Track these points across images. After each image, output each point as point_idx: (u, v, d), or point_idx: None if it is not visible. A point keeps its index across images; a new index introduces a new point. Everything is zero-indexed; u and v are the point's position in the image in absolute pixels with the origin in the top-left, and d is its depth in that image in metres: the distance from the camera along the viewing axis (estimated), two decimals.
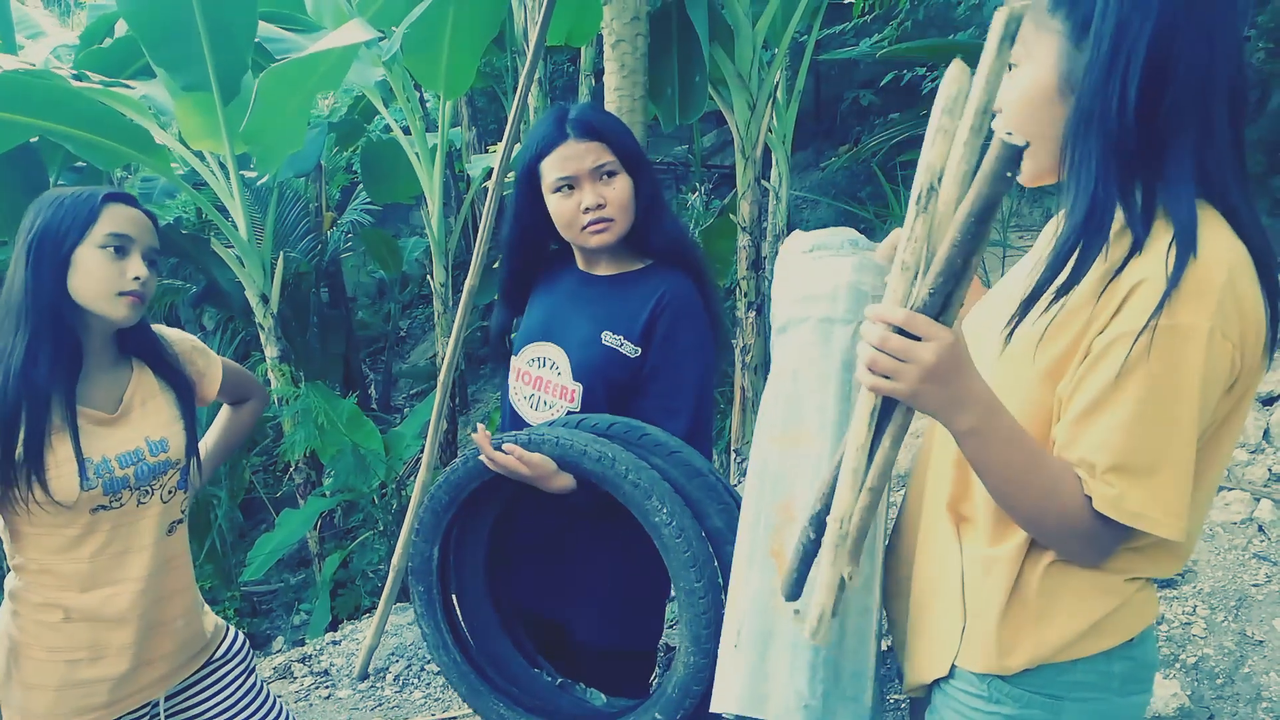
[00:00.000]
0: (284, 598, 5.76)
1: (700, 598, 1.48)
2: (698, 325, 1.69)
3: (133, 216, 1.58)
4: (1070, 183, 0.99)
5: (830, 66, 8.32)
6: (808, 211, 9.03)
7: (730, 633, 1.17)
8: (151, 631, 1.67)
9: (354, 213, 7.87)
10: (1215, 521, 2.92)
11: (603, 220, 1.65)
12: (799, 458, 1.19)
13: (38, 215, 1.54)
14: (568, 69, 8.48)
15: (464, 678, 1.81)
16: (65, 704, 1.61)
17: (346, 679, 3.39)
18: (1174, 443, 0.95)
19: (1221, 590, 2.64)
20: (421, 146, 4.72)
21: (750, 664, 1.11)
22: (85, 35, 5.50)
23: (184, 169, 5.43)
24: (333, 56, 3.70)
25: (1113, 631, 1.08)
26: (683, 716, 1.56)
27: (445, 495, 1.71)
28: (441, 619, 1.82)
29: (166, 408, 1.70)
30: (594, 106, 1.74)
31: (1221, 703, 2.30)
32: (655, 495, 1.50)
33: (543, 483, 1.60)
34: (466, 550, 1.86)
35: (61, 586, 1.59)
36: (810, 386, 1.21)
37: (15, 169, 4.55)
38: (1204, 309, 0.92)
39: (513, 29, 6.13)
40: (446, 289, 5.07)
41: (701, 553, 1.49)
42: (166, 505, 1.68)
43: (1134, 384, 0.95)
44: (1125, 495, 0.96)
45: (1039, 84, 1.01)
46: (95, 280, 1.53)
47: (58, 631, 1.60)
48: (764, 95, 4.00)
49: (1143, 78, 0.93)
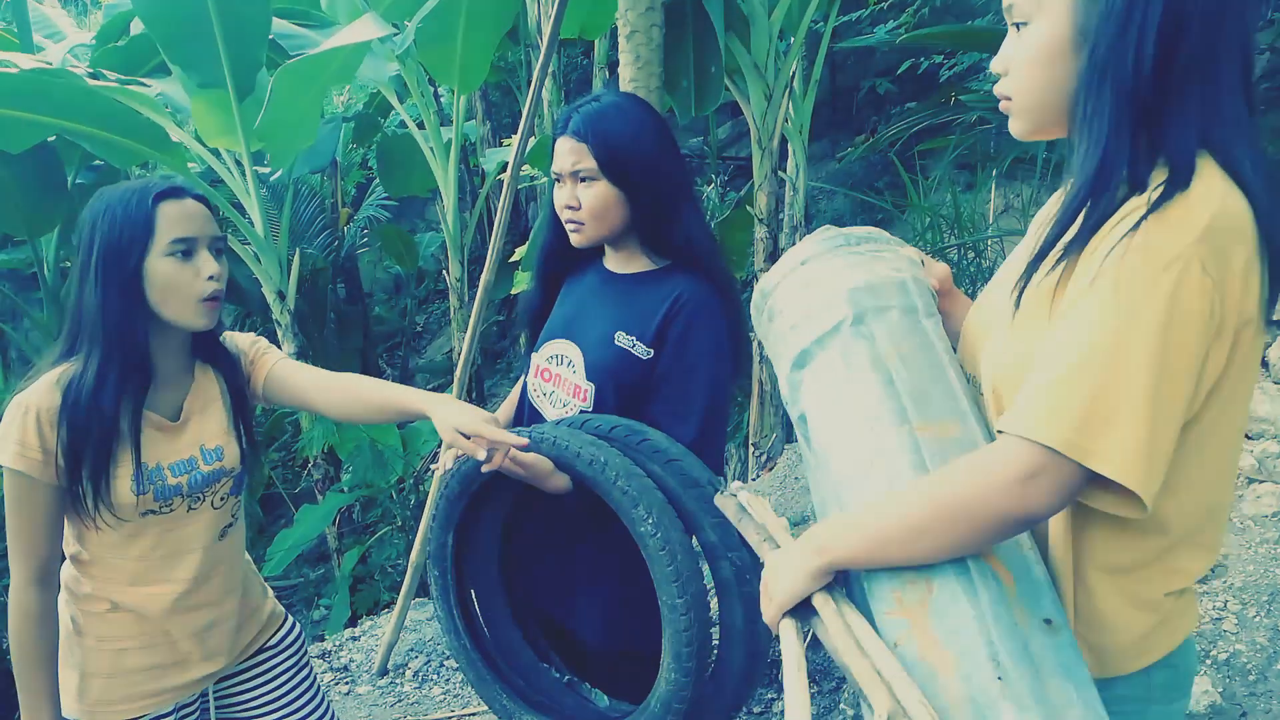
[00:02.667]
0: (303, 593, 5.78)
1: (682, 614, 1.45)
2: (714, 330, 1.64)
3: (187, 212, 1.53)
4: (1082, 137, 0.97)
5: (846, 55, 8.25)
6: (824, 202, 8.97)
7: (979, 660, 0.93)
8: (200, 628, 1.68)
9: (370, 208, 7.88)
10: (1246, 515, 2.87)
11: (574, 222, 1.67)
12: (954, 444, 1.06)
13: (94, 230, 1.50)
14: (581, 62, 8.45)
15: (471, 664, 1.82)
16: (115, 690, 1.63)
17: (366, 674, 3.40)
18: (1132, 375, 0.87)
19: (1253, 585, 2.59)
20: (436, 141, 4.71)
21: (1033, 694, 0.91)
22: (101, 34, 5.51)
23: (200, 167, 5.45)
24: (346, 51, 3.70)
25: (1154, 648, 1.04)
26: None
27: (457, 485, 1.71)
28: (455, 605, 1.82)
29: (224, 414, 1.68)
30: (608, 104, 1.68)
31: (1255, 700, 2.26)
32: (643, 504, 1.47)
33: (539, 482, 1.59)
34: (480, 540, 1.85)
35: (110, 580, 1.60)
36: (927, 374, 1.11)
37: (33, 167, 4.57)
38: (1184, 237, 0.88)
39: (526, 22, 6.11)
40: (462, 284, 5.06)
41: (686, 568, 1.45)
42: (218, 511, 1.67)
43: (1094, 304, 0.90)
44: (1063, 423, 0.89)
45: (1052, 38, 0.99)
46: (171, 292, 1.51)
47: (105, 621, 1.62)
48: (780, 85, 3.96)
49: (1159, 30, 0.91)
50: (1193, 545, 1.03)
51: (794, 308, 1.20)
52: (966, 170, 6.36)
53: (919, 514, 0.96)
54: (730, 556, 1.51)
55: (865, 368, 1.10)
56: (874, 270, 1.18)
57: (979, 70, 6.02)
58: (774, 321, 1.23)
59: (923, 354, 1.11)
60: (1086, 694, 0.93)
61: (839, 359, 1.12)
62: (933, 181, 5.70)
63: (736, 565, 1.51)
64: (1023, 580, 0.99)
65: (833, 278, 1.18)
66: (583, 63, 8.40)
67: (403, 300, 10.01)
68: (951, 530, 0.95)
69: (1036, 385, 0.92)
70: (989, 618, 0.94)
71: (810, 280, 1.20)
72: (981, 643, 0.93)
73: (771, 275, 1.26)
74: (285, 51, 4.58)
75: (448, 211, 4.87)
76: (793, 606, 1.05)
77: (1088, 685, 0.94)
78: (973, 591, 0.96)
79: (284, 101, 3.78)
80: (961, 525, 0.94)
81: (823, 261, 1.21)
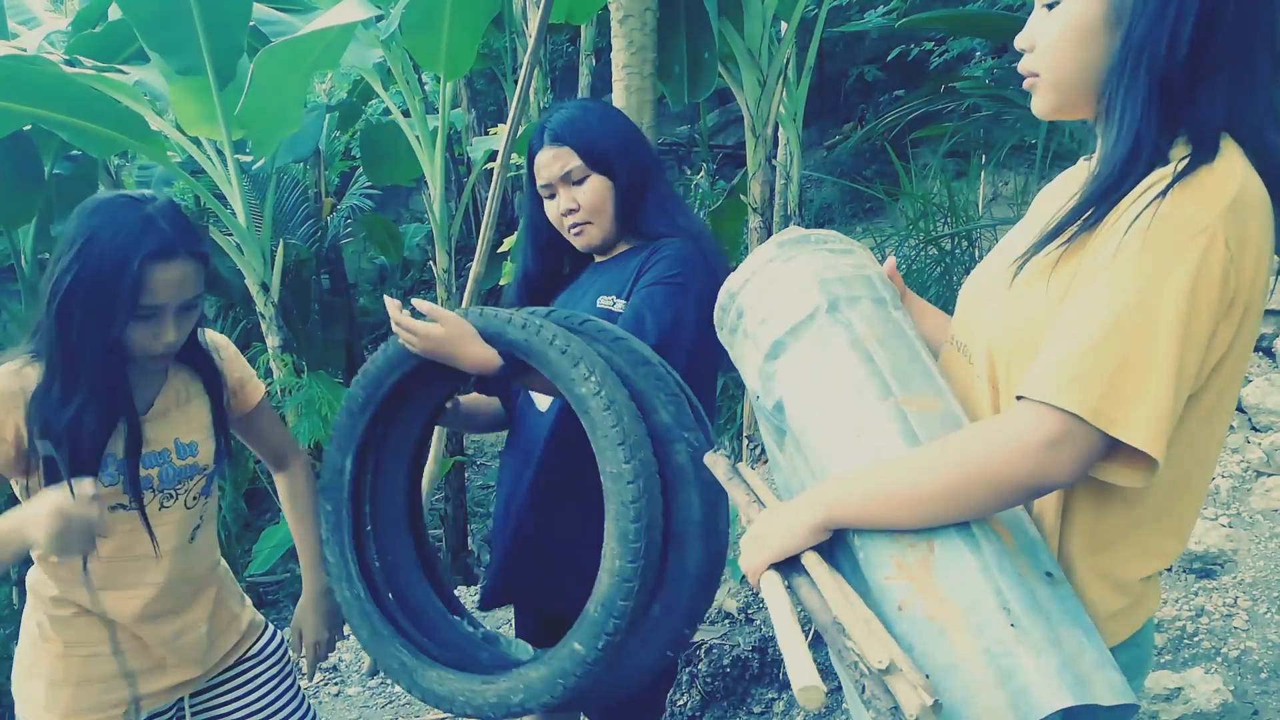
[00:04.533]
0: (290, 589, 5.72)
1: (629, 482, 1.27)
2: (681, 266, 1.63)
3: (172, 276, 1.45)
4: (1113, 118, 0.97)
5: (834, 42, 8.19)
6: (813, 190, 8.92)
7: (989, 611, 0.93)
8: (172, 633, 1.63)
9: (354, 198, 7.78)
10: (1255, 509, 2.83)
11: (578, 224, 1.71)
12: (937, 418, 1.08)
13: (75, 275, 1.41)
14: (567, 49, 8.37)
15: (366, 618, 1.60)
16: (85, 699, 1.58)
17: (356, 675, 3.34)
18: (1158, 343, 0.88)
19: (1264, 581, 2.56)
20: (422, 129, 4.63)
21: (1048, 639, 0.91)
22: (77, 20, 5.39)
23: (181, 156, 5.33)
24: (329, 35, 3.61)
25: (1121, 630, 1.06)
26: (606, 644, 1.30)
27: (361, 393, 1.53)
28: (349, 546, 1.61)
29: (200, 413, 1.64)
30: (572, 107, 1.78)
31: (1267, 698, 2.22)
32: (584, 363, 1.32)
33: (459, 349, 1.44)
34: (387, 469, 1.66)
35: (77, 581, 1.53)
36: (904, 355, 1.13)
37: (9, 157, 4.47)
38: (1212, 208, 0.89)
39: (511, 9, 6.01)
40: (449, 274, 4.98)
41: (634, 431, 1.30)
42: (189, 511, 1.63)
43: (1119, 272, 0.90)
44: (1089, 391, 0.89)
45: (1087, 15, 0.99)
46: (130, 344, 1.48)
47: (74, 626, 1.57)
48: (774, 72, 3.89)
49: (1198, 15, 0.92)
50: (1167, 525, 1.04)
51: (764, 303, 1.20)
52: (956, 158, 6.32)
53: (933, 478, 0.96)
54: (686, 437, 1.35)
55: (844, 349, 1.12)
56: (841, 264, 1.21)
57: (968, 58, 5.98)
58: (743, 318, 1.23)
59: (898, 338, 1.14)
60: (1095, 639, 0.95)
61: (816, 344, 1.13)
62: (923, 170, 5.65)
63: (694, 447, 1.35)
64: (1019, 536, 1.00)
65: (802, 271, 1.19)
66: (569, 49, 8.33)
67: (388, 291, 9.91)
68: (967, 495, 0.95)
69: (1059, 351, 0.91)
70: (994, 569, 0.95)
71: (779, 276, 1.21)
72: (990, 592, 0.94)
73: (737, 276, 1.26)
74: (267, 38, 4.47)
75: (434, 201, 4.79)
76: (779, 562, 1.04)
77: (1094, 632, 0.96)
78: (976, 546, 0.97)
79: (266, 88, 3.69)
80: (977, 490, 0.94)
81: (790, 258, 1.22)
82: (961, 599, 0.94)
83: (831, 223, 7.78)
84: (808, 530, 1.02)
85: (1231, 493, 2.89)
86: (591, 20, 5.00)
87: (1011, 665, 0.90)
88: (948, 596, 0.95)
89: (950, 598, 0.95)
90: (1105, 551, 1.03)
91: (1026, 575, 0.96)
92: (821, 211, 8.63)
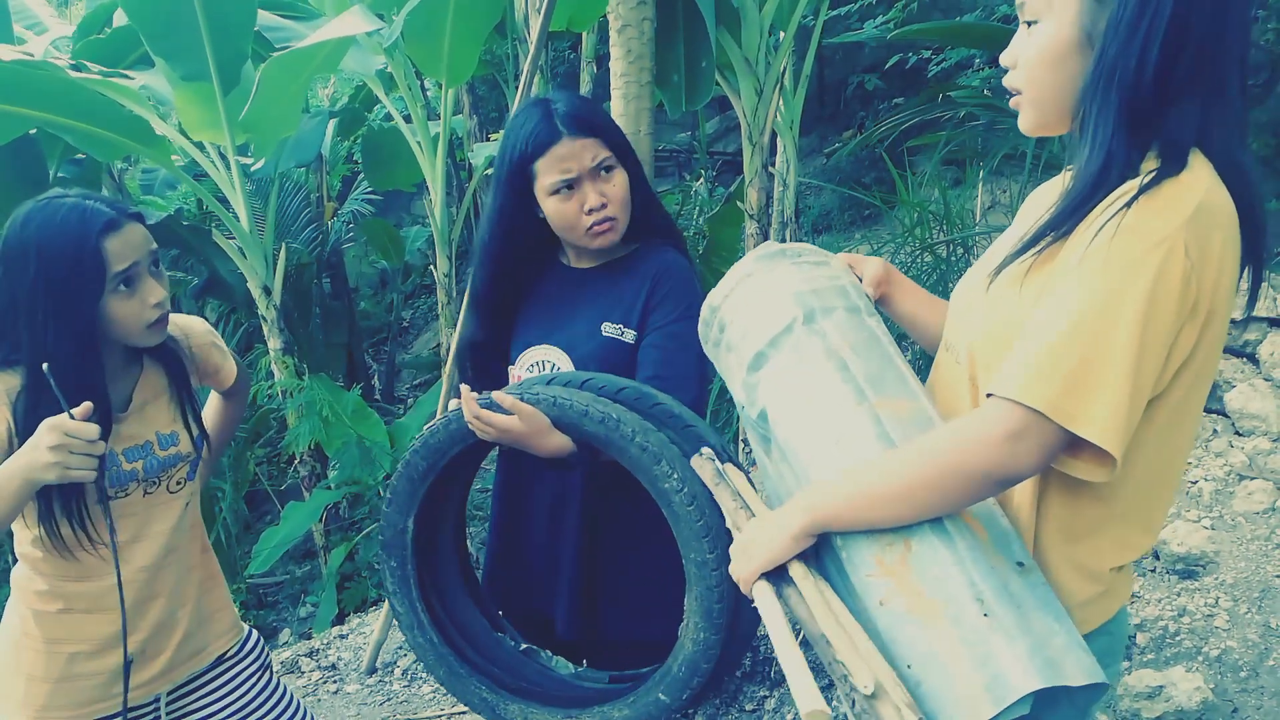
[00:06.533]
0: (290, 590, 5.74)
1: (713, 569, 1.41)
2: (691, 295, 1.65)
3: (128, 241, 1.50)
4: (1086, 136, 1.02)
5: (834, 51, 8.23)
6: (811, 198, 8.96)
7: (964, 602, 0.98)
8: (153, 624, 1.66)
9: (355, 203, 7.82)
10: (1238, 512, 2.87)
11: (607, 220, 1.60)
12: (910, 419, 1.13)
13: (33, 263, 1.44)
14: (569, 55, 8.41)
15: (441, 660, 1.71)
16: (62, 696, 1.60)
17: (354, 673, 3.37)
18: (1117, 345, 0.93)
19: (1244, 582, 2.60)
20: (424, 135, 4.68)
21: (1020, 626, 0.96)
22: (83, 25, 5.44)
23: (184, 160, 5.38)
24: (331, 43, 3.66)
25: (1093, 617, 1.11)
26: (689, 696, 1.47)
27: (423, 462, 1.59)
28: (417, 597, 1.71)
29: (176, 403, 1.68)
30: (577, 96, 1.68)
31: (1246, 696, 2.26)
32: (665, 460, 1.41)
33: (536, 441, 1.49)
34: (444, 522, 1.77)
35: (63, 575, 1.57)
36: (878, 361, 1.18)
37: (14, 161, 4.50)
38: (1173, 219, 0.93)
39: (513, 15, 6.06)
40: (450, 279, 5.02)
41: (715, 521, 1.41)
42: (174, 496, 1.67)
43: (1084, 279, 0.95)
44: (1050, 388, 0.95)
45: (1060, 38, 1.03)
46: (119, 324, 1.51)
47: (58, 623, 1.59)
48: (771, 80, 3.94)
49: (1165, 38, 0.96)
50: (1138, 520, 1.10)
51: (744, 316, 1.26)
52: (953, 166, 6.36)
53: (907, 475, 1.01)
54: None
55: (820, 358, 1.17)
56: (816, 276, 1.27)
57: (966, 66, 6.02)
58: (725, 332, 1.28)
59: (871, 345, 1.19)
60: (1065, 623, 1.00)
61: (793, 355, 1.19)
62: (920, 177, 5.70)
63: None
64: (992, 529, 1.06)
65: (779, 285, 1.25)
66: (570, 56, 8.37)
67: (389, 295, 9.95)
68: (938, 489, 1.00)
69: (1025, 351, 0.97)
70: (968, 562, 1.01)
71: (757, 289, 1.27)
72: (965, 584, 0.99)
73: (718, 291, 1.32)
74: (270, 44, 4.52)
75: (435, 206, 4.84)
76: (768, 571, 1.09)
77: (1065, 617, 1.01)
78: (950, 542, 1.02)
79: (269, 94, 3.74)
80: (948, 483, 1.00)
81: (767, 272, 1.28)
82: (938, 592, 1.00)
83: (830, 230, 7.81)
84: (792, 538, 1.07)
85: (1214, 495, 2.93)
86: (593, 27, 5.04)
87: (986, 652, 0.95)
88: (925, 590, 1.00)
89: (928, 591, 1.00)
90: (1078, 543, 1.08)
91: (999, 566, 1.02)
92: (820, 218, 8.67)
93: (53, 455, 1.33)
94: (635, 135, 2.96)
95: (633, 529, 1.67)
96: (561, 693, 1.71)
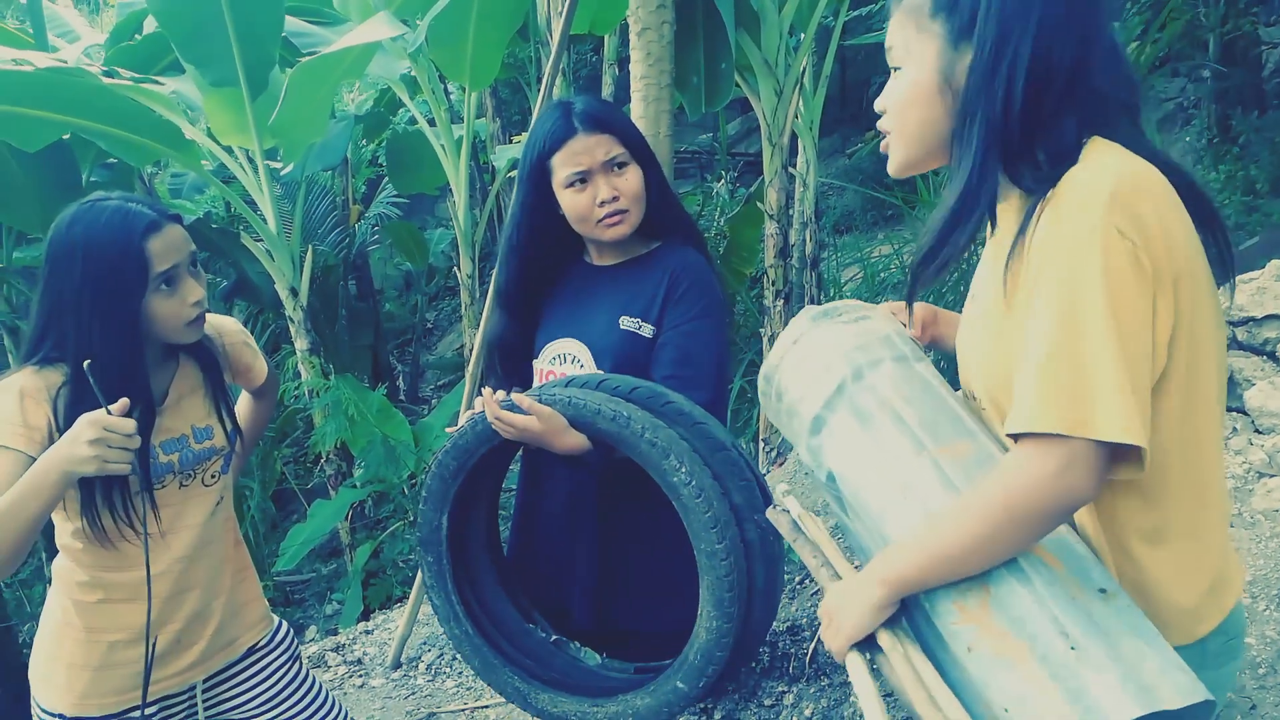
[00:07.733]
0: (316, 587, 5.82)
1: (722, 559, 1.45)
2: (711, 294, 1.70)
3: (170, 243, 1.55)
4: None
5: (855, 51, 8.24)
6: (834, 198, 8.96)
7: (1050, 638, 0.99)
8: (188, 615, 1.71)
9: (380, 206, 7.91)
10: (1256, 510, 2.87)
11: (618, 212, 1.66)
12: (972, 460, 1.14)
13: (79, 263, 1.49)
14: (591, 59, 8.46)
15: (476, 651, 1.78)
16: (103, 684, 1.65)
17: (380, 668, 3.43)
18: (1094, 342, 0.94)
19: (1263, 579, 2.60)
20: (447, 138, 4.73)
21: (1109, 655, 0.96)
22: (114, 32, 5.55)
23: (213, 164, 5.48)
24: (357, 49, 3.72)
25: (1206, 618, 1.10)
26: (705, 684, 1.52)
27: (453, 461, 1.67)
28: (452, 590, 1.77)
29: (210, 398, 1.74)
30: (597, 98, 1.77)
31: (1264, 693, 2.26)
32: (674, 454, 1.46)
33: (553, 439, 1.56)
34: (477, 518, 1.83)
35: (103, 565, 1.62)
36: (930, 407, 1.19)
37: (48, 166, 4.60)
38: (1091, 212, 0.95)
39: (535, 19, 6.12)
40: (473, 280, 5.08)
41: (723, 513, 1.46)
42: (209, 489, 1.73)
43: (1043, 299, 0.97)
44: (1058, 407, 0.95)
45: (920, 84, 1.09)
46: (160, 322, 1.56)
47: (98, 612, 1.64)
48: (791, 81, 3.96)
49: (1029, 76, 1.00)
50: (1201, 507, 1.08)
51: (797, 382, 1.29)
52: None
53: (970, 530, 1.01)
54: (756, 519, 1.53)
55: (875, 413, 1.18)
56: (859, 331, 1.29)
57: None
58: (782, 400, 1.31)
59: (923, 392, 1.20)
60: (1157, 644, 0.98)
61: (848, 414, 1.21)
62: (942, 178, 5.70)
63: (761, 527, 1.53)
64: (1068, 559, 1.05)
65: (825, 346, 1.28)
66: (592, 59, 8.42)
67: (413, 297, 10.05)
68: (1003, 539, 1.01)
69: (1023, 385, 0.99)
70: (1047, 599, 1.00)
71: (805, 354, 1.30)
72: (1047, 620, 0.99)
73: (771, 358, 1.35)
74: (297, 49, 4.60)
75: (458, 208, 4.90)
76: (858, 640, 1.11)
77: (1156, 637, 0.99)
78: (1027, 580, 1.02)
79: (297, 99, 3.80)
80: (1010, 531, 0.99)
81: (812, 336, 1.31)
82: (1022, 633, 1.00)
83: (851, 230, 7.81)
84: (875, 610, 1.08)
85: (1234, 493, 2.93)
86: (615, 30, 5.07)
87: (1078, 687, 0.94)
88: (1010, 632, 1.00)
89: (1013, 633, 1.00)
90: (1159, 546, 1.07)
91: (1079, 597, 1.00)
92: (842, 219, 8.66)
93: (90, 449, 1.36)
94: (655, 137, 2.99)
95: (646, 523, 1.70)
96: (589, 683, 1.76)
